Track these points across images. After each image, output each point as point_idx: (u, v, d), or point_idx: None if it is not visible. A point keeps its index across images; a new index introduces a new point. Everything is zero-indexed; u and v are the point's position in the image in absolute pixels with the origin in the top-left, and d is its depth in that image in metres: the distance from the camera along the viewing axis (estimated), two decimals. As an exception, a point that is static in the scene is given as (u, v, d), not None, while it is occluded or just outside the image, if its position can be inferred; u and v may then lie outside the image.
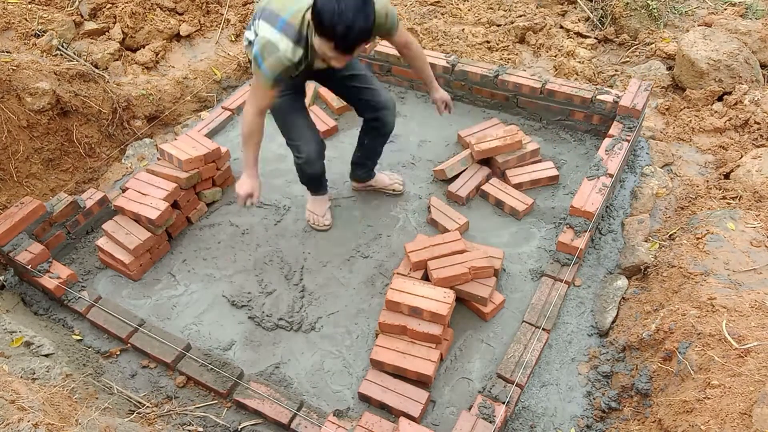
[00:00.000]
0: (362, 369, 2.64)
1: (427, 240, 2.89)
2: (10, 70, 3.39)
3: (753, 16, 4.49)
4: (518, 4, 4.88)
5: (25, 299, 2.97)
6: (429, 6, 4.98)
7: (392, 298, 2.59)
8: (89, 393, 2.43)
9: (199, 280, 3.06)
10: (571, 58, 4.35)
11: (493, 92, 3.85)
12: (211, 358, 2.58)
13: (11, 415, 1.69)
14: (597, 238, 3.12)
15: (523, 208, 3.22)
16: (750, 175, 3.19)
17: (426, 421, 2.45)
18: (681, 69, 4.00)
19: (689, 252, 2.70)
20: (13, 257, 2.87)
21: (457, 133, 3.70)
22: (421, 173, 3.55)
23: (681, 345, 2.22)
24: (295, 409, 2.39)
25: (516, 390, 2.41)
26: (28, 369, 2.38)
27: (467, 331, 2.76)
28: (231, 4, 4.77)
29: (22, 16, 4.05)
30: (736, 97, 3.70)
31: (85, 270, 3.10)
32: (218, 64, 4.40)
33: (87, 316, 2.80)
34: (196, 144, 3.31)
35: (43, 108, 3.44)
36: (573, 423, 2.42)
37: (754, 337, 2.06)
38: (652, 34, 4.48)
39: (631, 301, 2.77)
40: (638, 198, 3.26)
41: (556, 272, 2.86)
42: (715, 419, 1.87)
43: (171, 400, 2.55)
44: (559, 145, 3.66)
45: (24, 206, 2.97)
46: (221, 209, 3.42)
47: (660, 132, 3.77)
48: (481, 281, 2.75)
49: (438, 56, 3.95)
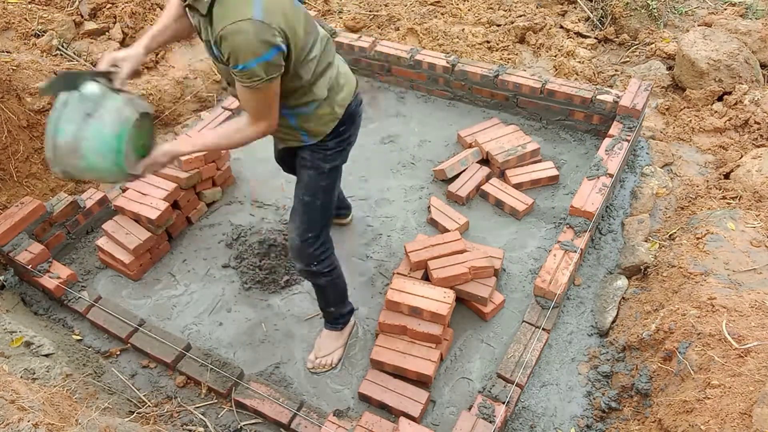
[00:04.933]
0: (362, 369, 2.64)
1: (427, 240, 2.89)
2: (10, 70, 3.39)
3: (753, 16, 4.49)
4: (518, 4, 4.88)
5: (25, 299, 2.97)
6: (429, 6, 4.98)
7: (392, 298, 2.59)
8: (89, 393, 2.43)
9: (199, 280, 3.06)
10: (571, 58, 4.35)
11: (493, 92, 3.85)
12: (211, 358, 2.58)
13: (11, 415, 1.69)
14: (597, 238, 3.12)
15: (523, 208, 3.22)
16: (750, 175, 3.18)
17: (426, 421, 2.45)
18: (681, 69, 4.00)
19: (689, 252, 2.70)
20: (13, 257, 2.87)
21: (457, 133, 3.70)
22: (421, 173, 3.55)
23: (681, 345, 2.22)
24: (295, 409, 2.39)
25: (516, 390, 2.41)
26: (28, 369, 2.38)
27: (467, 331, 2.76)
28: (231, 4, 4.77)
29: (22, 16, 4.05)
30: (736, 97, 3.70)
31: (85, 270, 3.10)
32: (218, 64, 4.40)
33: (87, 316, 2.80)
34: (196, 144, 3.31)
35: (43, 108, 3.44)
36: (573, 423, 2.42)
37: (754, 337, 2.06)
38: (652, 34, 4.48)
39: (631, 301, 2.76)
40: (638, 198, 3.26)
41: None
42: (715, 419, 1.87)
43: (171, 400, 2.55)
44: (559, 145, 3.66)
45: (24, 206, 2.97)
46: (221, 209, 3.42)
47: (660, 132, 3.77)
48: (481, 281, 2.75)
49: (438, 56, 3.95)
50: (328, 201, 2.28)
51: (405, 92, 4.16)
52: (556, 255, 2.78)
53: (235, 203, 3.44)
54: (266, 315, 2.88)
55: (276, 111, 1.95)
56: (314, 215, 2.26)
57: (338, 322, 2.64)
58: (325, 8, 5.08)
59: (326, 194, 2.25)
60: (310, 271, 2.38)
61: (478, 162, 3.49)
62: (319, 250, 2.32)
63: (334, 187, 2.28)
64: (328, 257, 2.38)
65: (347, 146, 2.25)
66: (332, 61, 2.09)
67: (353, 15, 4.89)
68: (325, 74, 2.04)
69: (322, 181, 2.22)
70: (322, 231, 2.31)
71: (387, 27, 4.80)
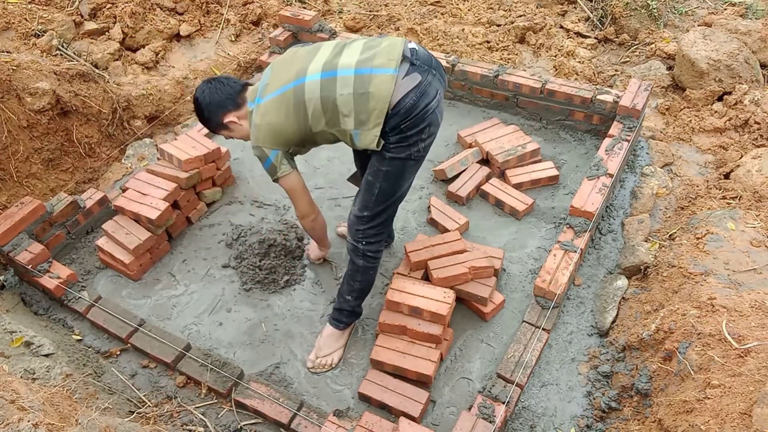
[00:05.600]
0: (362, 369, 2.64)
1: (427, 240, 2.89)
2: (10, 70, 3.39)
3: (753, 16, 4.49)
4: (518, 4, 4.88)
5: (25, 299, 2.97)
6: (429, 6, 4.98)
7: (392, 298, 2.59)
8: (89, 393, 2.42)
9: (199, 280, 3.06)
10: (571, 58, 4.35)
11: (493, 92, 3.85)
12: (211, 358, 2.58)
13: (11, 415, 1.69)
14: (597, 238, 3.12)
15: (523, 208, 3.22)
16: (750, 175, 3.18)
17: (426, 421, 2.45)
18: (681, 69, 4.00)
19: (689, 252, 2.70)
20: (13, 257, 2.87)
21: (457, 133, 3.70)
22: (421, 173, 3.54)
23: (681, 345, 2.22)
24: (295, 409, 2.39)
25: (516, 390, 2.41)
26: (28, 369, 2.38)
27: (467, 331, 2.76)
28: (231, 4, 4.77)
29: (22, 16, 4.05)
30: (736, 97, 3.70)
31: (85, 270, 3.10)
32: (218, 64, 4.40)
33: (87, 316, 2.80)
34: (196, 144, 3.31)
35: (43, 108, 3.44)
36: (573, 423, 2.42)
37: (754, 337, 2.06)
38: (652, 34, 4.48)
39: (631, 301, 2.76)
40: (638, 198, 3.26)
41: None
42: (715, 419, 1.87)
43: (171, 400, 2.55)
44: (559, 145, 3.66)
45: (24, 206, 2.97)
46: (221, 209, 3.42)
47: (660, 132, 3.77)
48: (481, 281, 2.75)
49: (438, 56, 3.95)
50: (387, 188, 2.32)
51: (405, 92, 4.16)
52: (556, 255, 2.78)
53: (235, 203, 3.44)
54: (266, 315, 2.88)
55: None
56: (371, 197, 2.35)
57: (342, 320, 2.65)
58: (325, 8, 5.08)
59: (387, 182, 2.30)
60: (356, 248, 2.46)
61: (478, 162, 3.49)
62: (371, 231, 2.41)
63: (397, 177, 2.31)
64: (376, 242, 2.46)
65: (415, 142, 2.25)
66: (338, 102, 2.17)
67: (353, 15, 4.89)
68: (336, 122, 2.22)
69: (382, 167, 2.27)
70: (378, 215, 2.39)
71: (387, 27, 4.80)
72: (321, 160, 3.67)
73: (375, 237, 2.44)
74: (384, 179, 2.30)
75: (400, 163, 2.27)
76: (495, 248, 2.95)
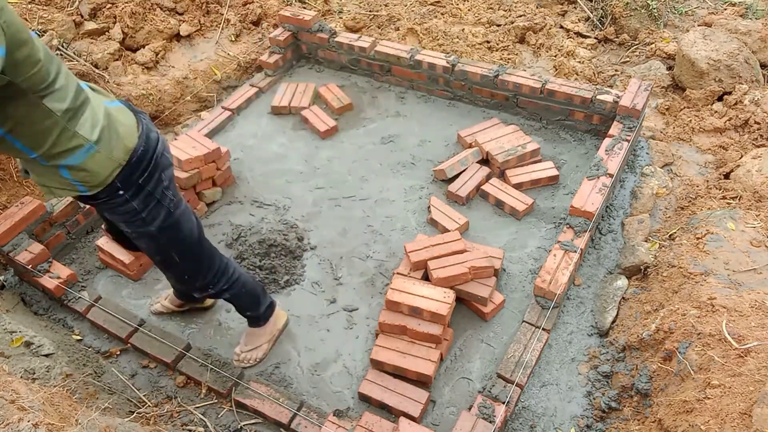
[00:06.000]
0: (362, 369, 2.64)
1: (427, 240, 2.89)
2: (10, 70, 3.39)
3: (753, 16, 4.49)
4: (518, 4, 4.88)
5: (25, 299, 2.97)
6: (429, 6, 4.98)
7: (392, 298, 2.59)
8: (89, 393, 2.43)
9: (199, 280, 3.05)
10: (571, 58, 4.35)
11: (493, 92, 3.85)
12: (211, 358, 2.59)
13: (11, 415, 1.69)
14: (597, 238, 3.12)
15: (523, 208, 3.22)
16: (750, 175, 3.19)
17: (426, 421, 2.45)
18: (681, 69, 4.00)
19: (689, 252, 2.70)
20: (13, 257, 2.87)
21: (457, 133, 3.70)
22: (421, 173, 3.55)
23: (681, 345, 2.22)
24: (295, 409, 2.39)
25: (516, 390, 2.42)
26: (28, 369, 2.38)
27: (467, 331, 2.76)
28: (231, 4, 4.77)
29: (22, 16, 4.05)
30: (736, 97, 3.70)
31: (85, 270, 3.10)
32: (218, 64, 4.40)
33: (87, 316, 2.80)
34: (196, 144, 3.31)
35: (43, 108, 3.44)
36: (573, 423, 2.42)
37: (754, 337, 2.06)
38: (652, 34, 4.48)
39: (631, 301, 2.77)
40: (638, 198, 3.26)
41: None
42: (715, 419, 1.87)
43: (171, 400, 2.55)
44: (559, 145, 3.66)
45: (24, 206, 2.97)
46: (221, 209, 3.42)
47: (660, 132, 3.77)
48: (481, 281, 2.75)
49: (438, 56, 3.95)
50: (183, 248, 2.15)
51: (405, 92, 4.16)
52: (556, 255, 2.78)
53: (235, 203, 3.44)
54: (266, 315, 2.88)
55: None
56: (176, 269, 2.25)
57: (258, 321, 2.63)
58: (325, 8, 5.08)
59: (176, 245, 2.13)
60: (211, 295, 2.40)
61: (478, 162, 3.49)
62: (206, 280, 2.30)
63: (181, 236, 2.11)
64: (220, 278, 2.32)
65: None
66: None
67: (353, 15, 4.89)
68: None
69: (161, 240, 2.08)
70: (196, 269, 2.26)
71: (387, 27, 4.80)
72: (321, 160, 3.67)
73: (214, 277, 2.30)
74: (172, 246, 2.13)
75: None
76: (495, 248, 2.95)
